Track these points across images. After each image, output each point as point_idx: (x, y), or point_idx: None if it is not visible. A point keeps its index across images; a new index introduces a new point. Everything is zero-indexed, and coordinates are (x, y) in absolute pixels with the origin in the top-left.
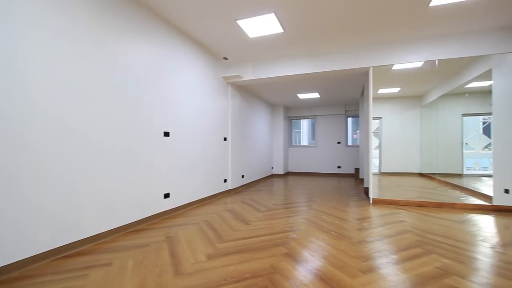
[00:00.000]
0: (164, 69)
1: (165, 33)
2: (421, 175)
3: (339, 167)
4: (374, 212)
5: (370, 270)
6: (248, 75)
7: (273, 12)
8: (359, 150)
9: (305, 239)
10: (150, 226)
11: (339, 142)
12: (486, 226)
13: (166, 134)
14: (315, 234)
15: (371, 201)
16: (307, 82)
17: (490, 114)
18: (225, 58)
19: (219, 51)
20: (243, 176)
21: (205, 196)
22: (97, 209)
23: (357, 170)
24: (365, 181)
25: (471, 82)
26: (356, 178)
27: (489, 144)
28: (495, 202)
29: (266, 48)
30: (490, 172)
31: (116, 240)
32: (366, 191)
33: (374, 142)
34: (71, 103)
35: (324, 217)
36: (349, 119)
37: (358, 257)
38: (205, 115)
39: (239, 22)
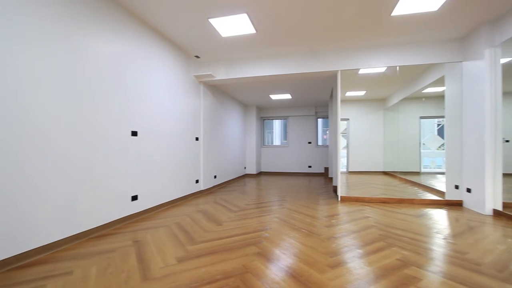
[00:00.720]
0: (132, 66)
1: (134, 29)
2: (385, 173)
3: (309, 166)
4: (342, 209)
5: (338, 264)
6: (221, 74)
7: (246, 12)
8: (329, 150)
9: (277, 237)
10: (116, 230)
11: (309, 142)
12: (439, 219)
13: (134, 133)
14: (286, 232)
15: (339, 199)
16: (279, 83)
17: (443, 117)
18: (197, 57)
19: (191, 49)
20: (215, 177)
21: (176, 198)
22: (53, 214)
23: (326, 169)
24: (334, 179)
25: (427, 88)
26: (325, 177)
27: (443, 144)
28: (447, 197)
29: (239, 48)
30: (443, 170)
31: (77, 247)
32: (335, 189)
33: (342, 142)
34: (28, 100)
35: (295, 215)
36: (319, 120)
37: (326, 253)
38: (176, 114)
39: (211, 20)
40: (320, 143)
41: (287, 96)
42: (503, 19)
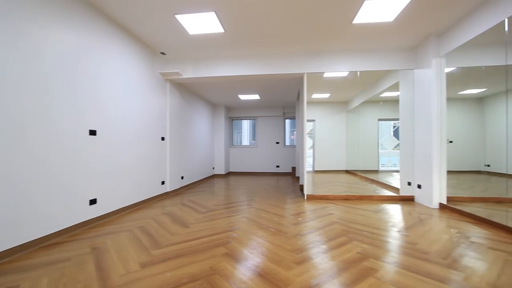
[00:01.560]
0: (90, 60)
1: (92, 21)
2: (347, 172)
3: (277, 166)
4: (308, 207)
5: (303, 261)
6: (188, 72)
7: (214, 11)
8: (296, 150)
9: (245, 237)
10: (72, 237)
11: (277, 143)
12: (395, 214)
13: (92, 132)
14: (254, 231)
15: (305, 197)
16: (248, 83)
17: (398, 119)
18: (163, 54)
19: (157, 45)
20: (182, 178)
21: (140, 200)
22: None
23: (294, 168)
24: (300, 179)
25: (384, 92)
26: (293, 176)
27: (398, 144)
28: (401, 193)
29: (207, 46)
30: (398, 168)
31: (25, 258)
32: (302, 188)
33: (308, 142)
34: None
35: (263, 214)
36: (287, 121)
37: (293, 250)
38: (140, 113)
39: (178, 17)
40: (287, 143)
41: (256, 97)
42: (447, 33)
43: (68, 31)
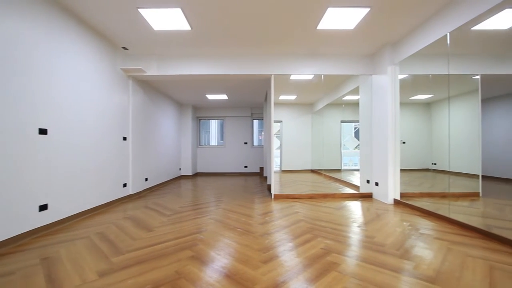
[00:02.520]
0: (42, 53)
1: (43, 10)
2: (312, 171)
3: (246, 166)
4: (275, 206)
5: (270, 259)
6: (153, 70)
7: (180, 7)
8: (264, 151)
9: (212, 239)
10: (18, 248)
11: (246, 143)
12: (355, 210)
13: (43, 131)
14: (222, 233)
15: (273, 197)
16: (215, 83)
17: (358, 121)
18: (125, 48)
19: (118, 39)
20: (146, 179)
21: (99, 204)
22: None
23: (261, 169)
24: (268, 179)
25: (346, 96)
26: (261, 176)
27: (358, 145)
28: (361, 190)
29: (173, 43)
30: (358, 167)
31: None
32: (269, 188)
33: (276, 143)
34: None
35: (231, 215)
36: (255, 121)
37: (260, 249)
38: (99, 110)
39: (141, 11)
40: (256, 143)
41: (224, 97)
42: (400, 42)
43: (16, 17)
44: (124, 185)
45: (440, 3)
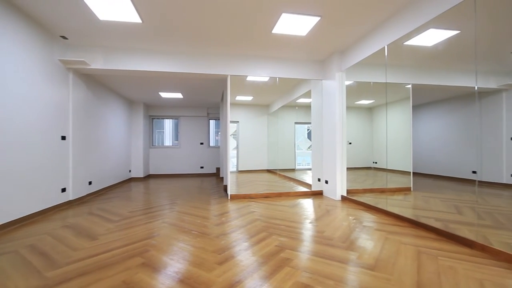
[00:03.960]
0: None
1: None
2: (268, 171)
3: (202, 167)
4: (232, 206)
5: (226, 260)
6: (98, 63)
7: None
8: (220, 151)
9: (165, 243)
10: None
11: (202, 143)
12: (307, 207)
13: None
14: (176, 236)
15: (229, 197)
16: (169, 81)
17: (310, 123)
18: (64, 38)
19: (55, 27)
20: (90, 183)
21: (30, 213)
22: None
23: (218, 169)
24: (224, 179)
25: (299, 98)
26: (217, 177)
27: (311, 145)
28: (313, 188)
29: (123, 36)
30: (311, 166)
31: None
32: (225, 188)
33: (232, 143)
34: None
35: (185, 217)
36: (212, 122)
37: (215, 250)
38: (30, 106)
39: None
40: (212, 144)
41: (179, 95)
42: (347, 51)
43: None
44: (63, 190)
45: (379, 19)
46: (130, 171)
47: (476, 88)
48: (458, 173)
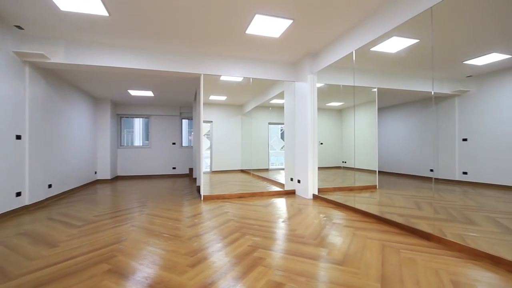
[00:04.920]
0: None
1: None
2: (242, 171)
3: (174, 168)
4: (205, 207)
5: (198, 262)
6: (59, 57)
7: None
8: (193, 151)
9: (134, 248)
10: None
11: (174, 143)
12: (280, 206)
13: None
14: (145, 240)
15: (202, 198)
16: (139, 78)
17: (283, 123)
18: (20, 27)
19: (9, 14)
20: (50, 186)
21: None
22: None
23: (191, 170)
24: (197, 180)
25: (273, 99)
26: (190, 177)
27: (284, 145)
28: (286, 188)
29: (87, 29)
30: (284, 166)
31: None
32: (198, 189)
33: (206, 143)
34: None
35: (156, 220)
36: (184, 121)
37: (187, 253)
38: None
39: None
40: (185, 144)
41: (149, 94)
42: (318, 54)
43: None
44: (18, 194)
45: (348, 26)
46: (95, 172)
47: (432, 93)
48: (418, 171)
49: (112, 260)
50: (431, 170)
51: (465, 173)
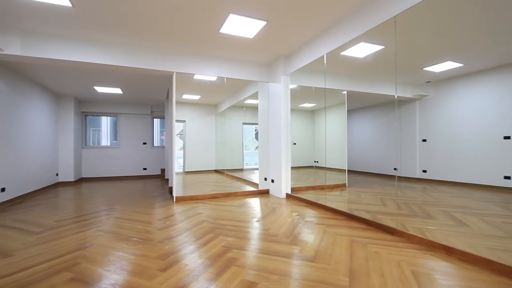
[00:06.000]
0: None
1: None
2: (216, 171)
3: (145, 168)
4: (177, 209)
5: (170, 266)
6: (15, 49)
7: None
8: (165, 151)
9: (100, 254)
10: None
11: (145, 143)
12: (255, 206)
13: None
14: (113, 245)
15: (174, 200)
16: (106, 74)
17: (257, 124)
18: None
19: None
20: (3, 190)
21: None
22: None
23: (163, 170)
24: (169, 181)
25: (247, 99)
26: (162, 178)
27: (258, 146)
28: (260, 188)
29: (48, 20)
30: (258, 166)
31: None
32: (171, 190)
33: (179, 143)
34: None
35: (125, 224)
36: (156, 120)
37: (158, 257)
38: None
39: None
40: (157, 143)
41: (118, 91)
42: (291, 56)
43: None
44: None
45: (319, 30)
46: (57, 174)
47: (396, 97)
48: (384, 170)
49: (75, 267)
50: (395, 169)
51: (424, 171)
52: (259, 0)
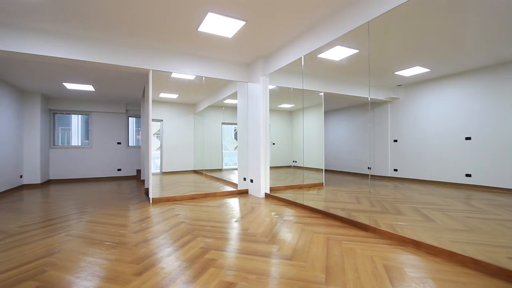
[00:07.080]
0: None
1: None
2: (195, 171)
3: (119, 169)
4: (154, 211)
5: (145, 270)
6: None
7: None
8: (141, 151)
9: (69, 260)
10: None
11: (119, 143)
12: (234, 206)
13: None
14: (83, 250)
15: (151, 201)
16: (76, 70)
17: (237, 124)
18: None
19: None
20: None
21: None
22: None
23: (139, 171)
24: (145, 182)
25: (226, 99)
26: (138, 179)
27: (237, 146)
28: (239, 188)
29: (13, 10)
30: (237, 166)
31: None
32: (147, 191)
33: (156, 143)
34: None
35: (97, 227)
36: (132, 119)
37: (133, 261)
38: None
39: None
40: (132, 143)
41: (89, 88)
42: (270, 57)
43: None
44: None
45: (297, 32)
46: (21, 176)
47: (369, 99)
48: (358, 169)
49: (41, 276)
50: (369, 168)
51: (395, 170)
52: (238, 0)
